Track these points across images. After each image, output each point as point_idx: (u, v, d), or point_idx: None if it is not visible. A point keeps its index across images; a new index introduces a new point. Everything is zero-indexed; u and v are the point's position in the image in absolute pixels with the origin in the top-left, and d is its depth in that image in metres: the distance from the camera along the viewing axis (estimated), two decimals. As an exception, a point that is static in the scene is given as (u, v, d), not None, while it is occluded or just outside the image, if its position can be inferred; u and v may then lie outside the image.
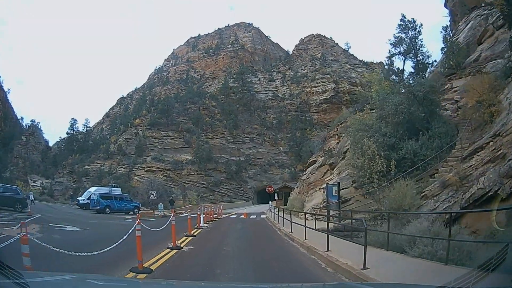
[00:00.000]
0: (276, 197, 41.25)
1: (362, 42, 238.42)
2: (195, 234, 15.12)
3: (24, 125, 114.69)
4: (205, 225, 19.50)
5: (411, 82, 23.13)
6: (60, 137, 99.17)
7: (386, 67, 25.80)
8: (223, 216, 29.42)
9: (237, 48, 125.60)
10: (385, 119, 19.01)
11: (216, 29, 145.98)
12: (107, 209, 32.43)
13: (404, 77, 26.10)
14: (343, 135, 24.74)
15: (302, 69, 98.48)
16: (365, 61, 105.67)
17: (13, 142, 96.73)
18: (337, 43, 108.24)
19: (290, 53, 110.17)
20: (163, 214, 28.29)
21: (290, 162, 77.14)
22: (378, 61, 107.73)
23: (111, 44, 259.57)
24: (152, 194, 29.01)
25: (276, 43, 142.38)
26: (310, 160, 30.49)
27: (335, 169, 22.28)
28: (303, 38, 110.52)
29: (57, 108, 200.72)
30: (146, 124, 77.42)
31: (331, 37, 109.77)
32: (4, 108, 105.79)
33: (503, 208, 8.17)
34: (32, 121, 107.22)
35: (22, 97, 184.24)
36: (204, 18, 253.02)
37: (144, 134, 74.22)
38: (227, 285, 5.51)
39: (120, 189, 39.27)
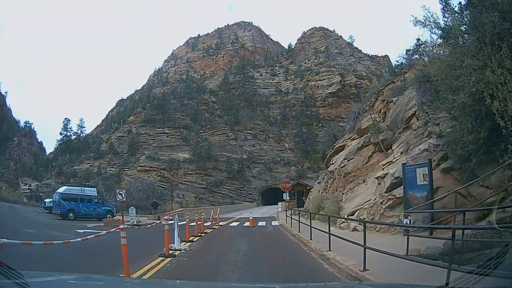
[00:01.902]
0: (287, 197, 32.09)
1: (365, 37, 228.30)
2: (146, 275, 6.09)
3: (21, 128, 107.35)
4: (184, 246, 10.40)
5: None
6: (57, 140, 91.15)
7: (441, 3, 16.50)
8: (220, 223, 20.27)
9: (237, 47, 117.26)
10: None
11: (216, 28, 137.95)
12: (71, 214, 24.08)
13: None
14: (395, 99, 15.84)
15: (305, 63, 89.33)
16: (370, 55, 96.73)
17: (5, 144, 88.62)
18: (340, 36, 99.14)
19: (293, 47, 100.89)
20: (135, 222, 19.18)
21: (297, 160, 68.12)
22: (383, 55, 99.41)
23: (111, 46, 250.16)
24: (120, 194, 20.02)
25: (277, 41, 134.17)
26: (337, 146, 21.49)
27: (394, 146, 13.31)
28: (305, 31, 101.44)
29: (58, 111, 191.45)
30: (140, 121, 68.50)
31: (334, 30, 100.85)
32: (1, 111, 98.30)
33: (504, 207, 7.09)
34: (26, 122, 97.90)
35: (22, 100, 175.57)
36: (204, 19, 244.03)
37: (137, 132, 65.27)
38: (230, 285, 4.92)
39: (95, 189, 30.49)
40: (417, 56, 18.85)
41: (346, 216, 13.50)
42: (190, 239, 12.23)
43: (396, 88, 16.83)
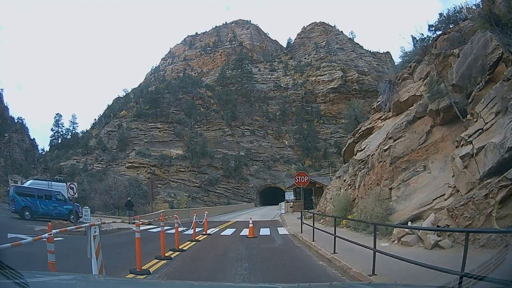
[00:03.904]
0: (290, 196, 26.60)
1: (366, 34, 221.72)
2: None
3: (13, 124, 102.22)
4: None
5: None
6: (49, 137, 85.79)
7: None
8: (209, 231, 14.70)
9: (235, 45, 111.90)
10: None
11: (214, 27, 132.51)
12: (27, 212, 19.03)
13: None
14: (455, 51, 10.53)
15: (305, 58, 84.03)
16: (371, 51, 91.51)
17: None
18: (341, 31, 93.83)
19: (292, 42, 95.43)
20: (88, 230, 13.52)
21: (297, 157, 62.77)
22: (385, 51, 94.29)
23: (110, 46, 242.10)
24: (71, 188, 14.65)
25: (275, 40, 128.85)
26: (363, 129, 16.10)
27: (479, 108, 7.94)
28: (305, 26, 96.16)
29: (59, 111, 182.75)
30: (132, 115, 62.83)
31: (335, 26, 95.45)
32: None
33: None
34: (19, 118, 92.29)
35: (22, 100, 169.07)
36: (202, 18, 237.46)
37: (128, 126, 59.59)
38: (231, 285, 4.47)
39: (65, 184, 24.88)
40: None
41: (403, 222, 8.10)
42: (145, 267, 6.68)
43: (455, 38, 11.53)
